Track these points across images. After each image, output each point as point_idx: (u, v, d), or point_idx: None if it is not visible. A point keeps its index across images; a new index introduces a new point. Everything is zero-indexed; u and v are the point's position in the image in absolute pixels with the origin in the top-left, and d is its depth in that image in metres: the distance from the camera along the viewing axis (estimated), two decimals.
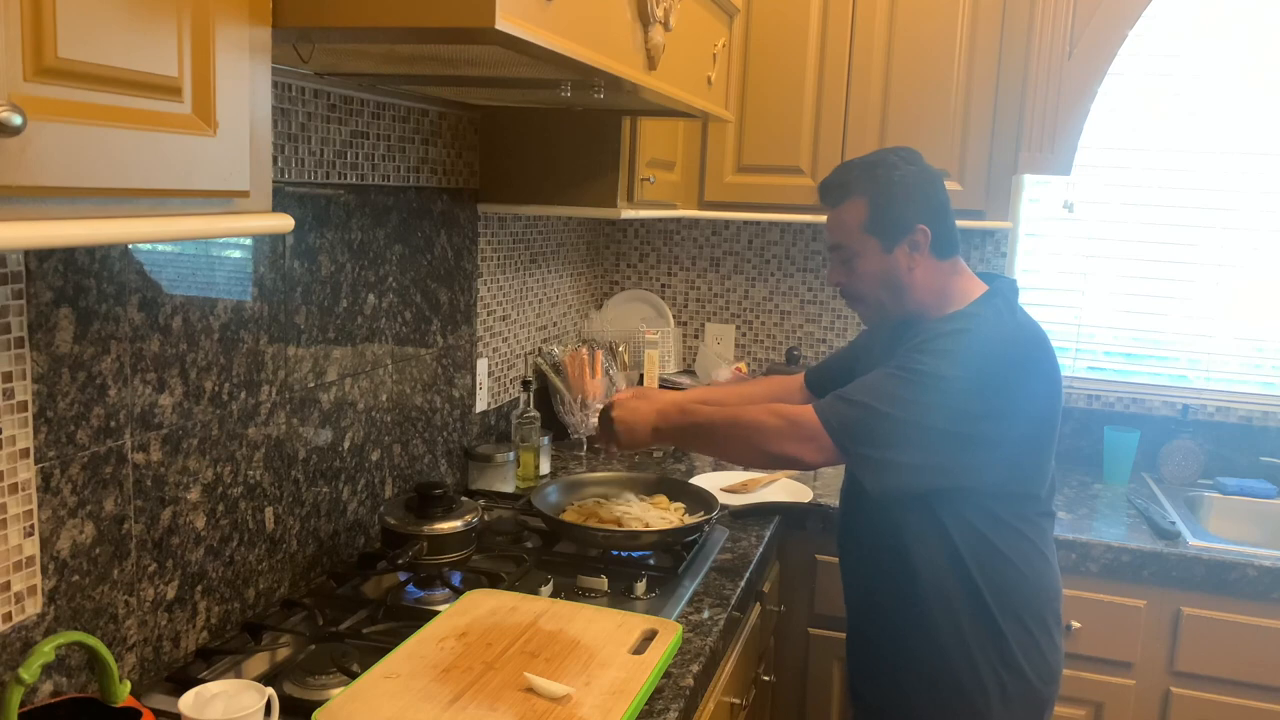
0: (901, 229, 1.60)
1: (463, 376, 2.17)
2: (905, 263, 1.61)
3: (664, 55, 1.49)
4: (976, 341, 1.54)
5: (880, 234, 1.60)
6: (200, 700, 1.15)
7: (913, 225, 1.59)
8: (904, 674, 1.68)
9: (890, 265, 1.61)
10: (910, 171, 1.62)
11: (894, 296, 1.64)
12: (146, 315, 1.29)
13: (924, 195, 1.61)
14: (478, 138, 2.16)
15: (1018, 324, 1.60)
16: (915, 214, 1.60)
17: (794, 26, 2.42)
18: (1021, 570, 1.60)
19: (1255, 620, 2.07)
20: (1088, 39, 2.39)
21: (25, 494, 1.13)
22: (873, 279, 1.63)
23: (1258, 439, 2.57)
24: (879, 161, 1.63)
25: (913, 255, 1.61)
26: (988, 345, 1.54)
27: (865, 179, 1.61)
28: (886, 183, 1.60)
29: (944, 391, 1.51)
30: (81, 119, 0.72)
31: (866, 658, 1.77)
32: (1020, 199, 2.70)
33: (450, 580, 1.65)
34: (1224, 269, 2.61)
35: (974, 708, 1.62)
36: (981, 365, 1.53)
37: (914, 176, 1.62)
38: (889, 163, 1.63)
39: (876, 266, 1.62)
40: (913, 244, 1.60)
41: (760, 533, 2.02)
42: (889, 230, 1.60)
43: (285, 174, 1.55)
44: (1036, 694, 1.64)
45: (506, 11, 0.97)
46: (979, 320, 1.57)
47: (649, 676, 1.30)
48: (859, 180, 1.62)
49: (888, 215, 1.60)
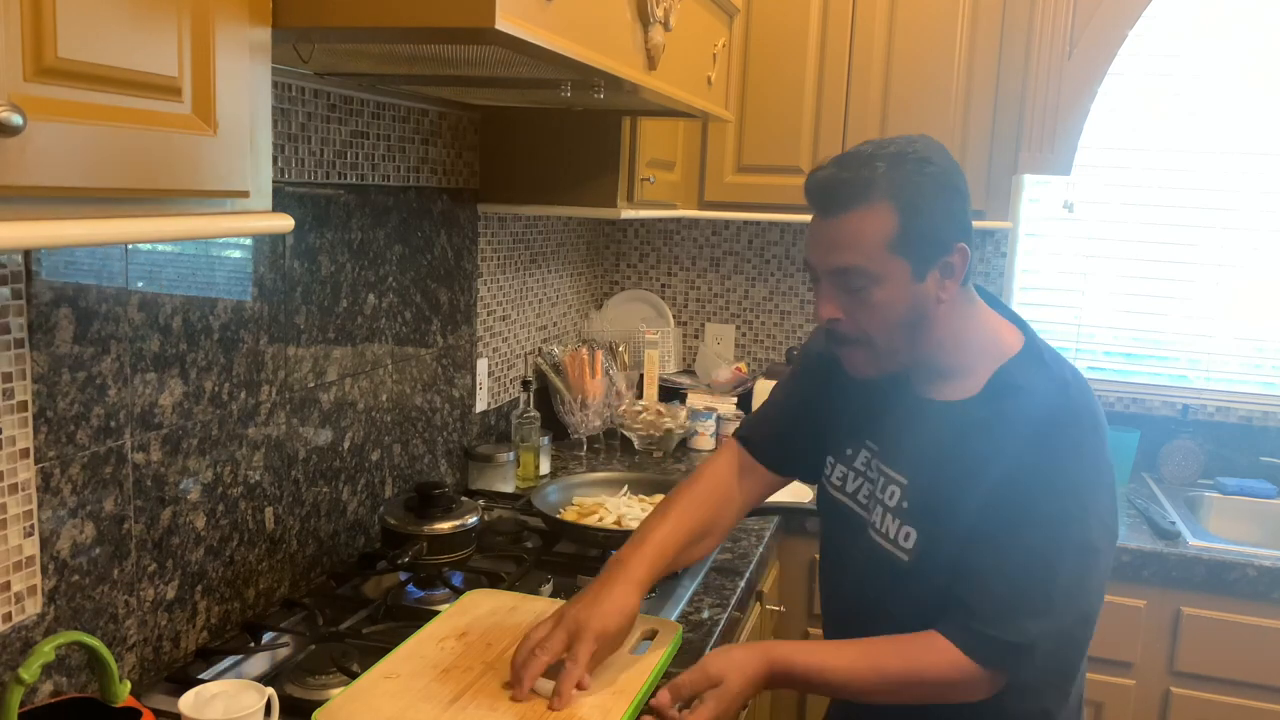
0: (939, 247, 1.18)
1: (463, 376, 2.17)
2: (936, 293, 1.19)
3: (664, 55, 1.49)
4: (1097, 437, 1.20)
5: (912, 255, 1.16)
6: (200, 700, 1.15)
7: (951, 244, 1.18)
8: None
9: (919, 297, 1.18)
10: (948, 170, 1.20)
11: (910, 340, 1.21)
12: (146, 315, 1.29)
13: (962, 203, 1.20)
14: (478, 138, 2.16)
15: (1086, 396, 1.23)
16: (957, 227, 1.19)
17: (794, 26, 2.42)
18: None
19: (1255, 620, 2.07)
20: (1088, 39, 2.39)
21: (25, 494, 1.13)
22: (892, 316, 1.19)
23: (1258, 439, 2.57)
24: (904, 155, 1.17)
25: (945, 283, 1.19)
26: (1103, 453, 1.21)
27: (894, 178, 1.16)
28: (920, 185, 1.16)
29: (1100, 544, 1.18)
30: (81, 119, 0.72)
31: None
32: (1020, 199, 2.70)
33: (450, 580, 1.65)
34: (1224, 269, 2.61)
35: None
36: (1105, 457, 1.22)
37: (953, 178, 1.20)
38: (920, 155, 1.18)
39: (901, 298, 1.18)
40: (947, 268, 1.19)
41: (760, 533, 2.02)
42: (924, 250, 1.17)
43: (285, 174, 1.55)
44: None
45: (506, 11, 0.97)
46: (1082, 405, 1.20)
47: (649, 676, 1.30)
48: (884, 180, 1.15)
49: (924, 229, 1.16)
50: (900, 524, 1.23)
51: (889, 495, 1.25)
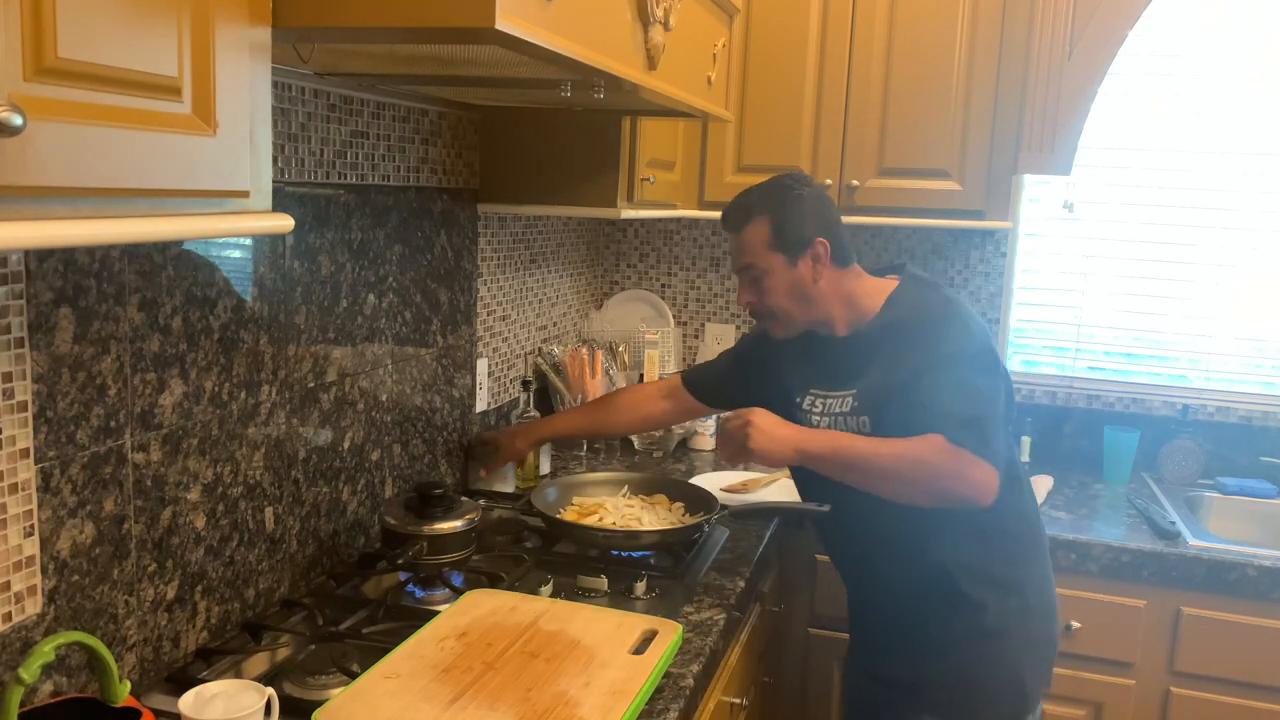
0: (803, 243, 1.69)
1: (463, 376, 2.17)
2: (810, 274, 1.70)
3: (664, 55, 1.49)
4: (959, 309, 1.68)
5: (784, 249, 1.70)
6: (200, 700, 1.15)
7: (812, 239, 1.69)
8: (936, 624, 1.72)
9: (796, 278, 1.71)
10: (805, 191, 1.72)
11: (804, 307, 1.73)
12: (146, 315, 1.29)
13: (819, 211, 1.72)
14: (478, 138, 2.16)
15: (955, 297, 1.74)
16: (814, 229, 1.69)
17: (794, 26, 2.42)
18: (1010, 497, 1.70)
19: (1255, 620, 2.07)
20: (1088, 39, 2.39)
21: (25, 494, 1.13)
22: (782, 293, 1.72)
23: (1258, 439, 2.58)
24: (772, 185, 1.74)
25: (816, 267, 1.70)
26: (964, 309, 1.70)
27: (765, 200, 1.72)
28: (784, 202, 1.70)
29: (991, 361, 1.65)
30: (81, 119, 0.72)
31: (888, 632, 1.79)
32: (1020, 199, 2.70)
33: (450, 580, 1.65)
34: (1224, 269, 2.61)
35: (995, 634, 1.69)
36: (979, 327, 1.68)
37: (808, 195, 1.72)
38: (784, 185, 1.73)
39: (784, 281, 1.71)
40: (815, 257, 1.70)
41: (760, 533, 2.02)
42: (792, 245, 1.69)
43: (285, 174, 1.55)
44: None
45: (506, 11, 0.97)
46: (935, 295, 1.72)
47: (649, 676, 1.30)
48: (759, 202, 1.72)
49: (789, 231, 1.69)
50: (856, 418, 1.70)
51: (843, 404, 1.72)
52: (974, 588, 1.67)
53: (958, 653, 1.70)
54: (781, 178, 1.76)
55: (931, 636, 1.71)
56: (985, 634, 1.68)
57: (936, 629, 1.70)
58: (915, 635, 1.73)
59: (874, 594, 1.81)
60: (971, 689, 1.70)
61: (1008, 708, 1.71)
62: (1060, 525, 2.20)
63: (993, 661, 1.70)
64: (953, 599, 1.68)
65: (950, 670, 1.70)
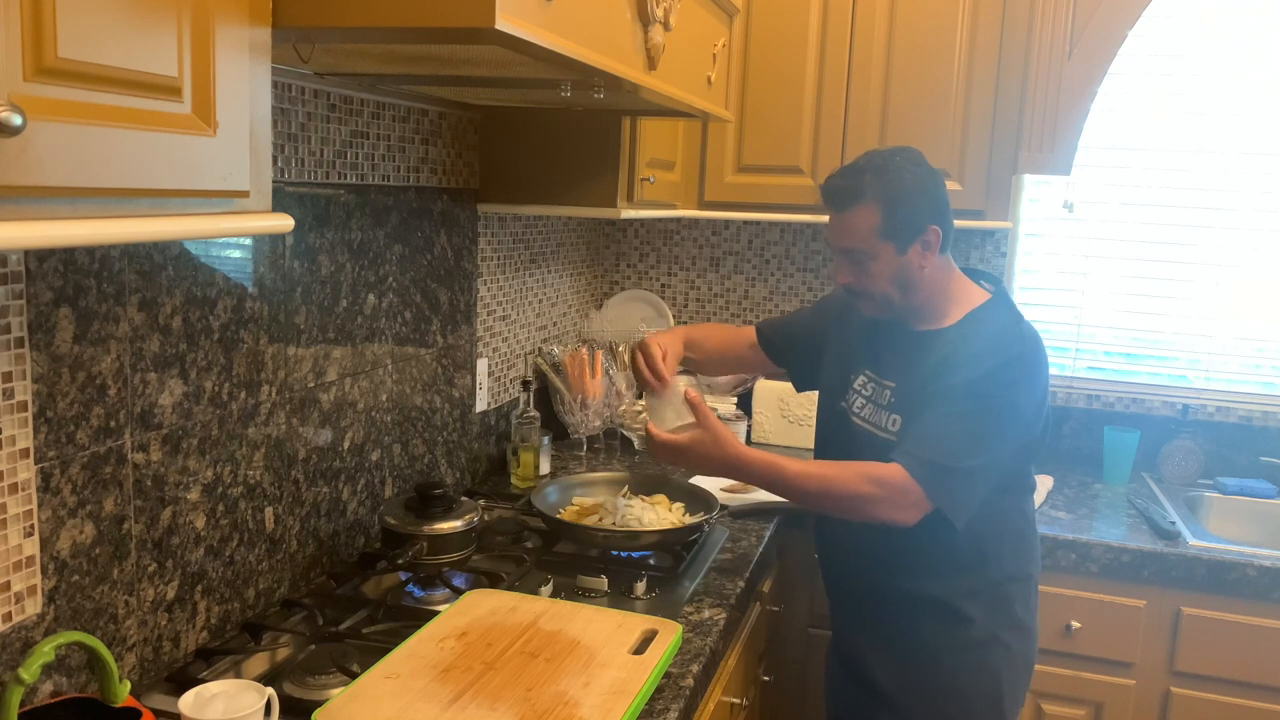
0: (915, 230, 1.62)
1: (463, 376, 2.17)
2: (918, 262, 1.64)
3: (664, 55, 1.49)
4: (1032, 370, 1.63)
5: (895, 237, 1.62)
6: (200, 700, 1.15)
7: (925, 226, 1.62)
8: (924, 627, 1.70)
9: (904, 266, 1.64)
10: (919, 173, 1.64)
11: (904, 294, 1.67)
12: (146, 315, 1.29)
13: (933, 196, 1.64)
14: (478, 138, 2.16)
15: (1035, 334, 1.68)
16: (927, 215, 1.62)
17: (794, 26, 2.42)
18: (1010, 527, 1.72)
19: (1255, 620, 2.07)
20: (1088, 39, 2.39)
21: (25, 494, 1.13)
22: (886, 279, 1.65)
23: (1258, 439, 2.58)
24: (886, 165, 1.64)
25: (925, 255, 1.64)
26: (1039, 371, 1.64)
27: (877, 184, 1.62)
28: (898, 187, 1.62)
29: (1018, 421, 1.61)
30: (81, 119, 0.72)
31: (871, 639, 1.77)
32: (1020, 199, 2.70)
33: (450, 580, 1.65)
34: (1224, 269, 2.61)
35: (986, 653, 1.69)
36: (1042, 386, 1.65)
37: (924, 178, 1.64)
38: (897, 166, 1.64)
39: (890, 268, 1.64)
40: (925, 244, 1.63)
41: (760, 533, 2.02)
42: (903, 233, 1.62)
43: (285, 174, 1.55)
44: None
45: (506, 11, 0.97)
46: (1013, 331, 1.65)
47: (649, 676, 1.30)
48: (871, 186, 1.62)
49: (901, 219, 1.61)
50: (889, 414, 1.68)
51: (883, 397, 1.70)
52: (965, 602, 1.66)
53: (942, 664, 1.68)
54: (894, 155, 1.66)
55: (915, 647, 1.70)
56: (971, 647, 1.67)
57: (923, 639, 1.69)
58: (899, 644, 1.71)
59: (862, 599, 1.79)
60: (952, 701, 1.69)
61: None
62: (1060, 525, 2.20)
63: (974, 675, 1.69)
64: (942, 611, 1.67)
65: (933, 681, 1.69)
